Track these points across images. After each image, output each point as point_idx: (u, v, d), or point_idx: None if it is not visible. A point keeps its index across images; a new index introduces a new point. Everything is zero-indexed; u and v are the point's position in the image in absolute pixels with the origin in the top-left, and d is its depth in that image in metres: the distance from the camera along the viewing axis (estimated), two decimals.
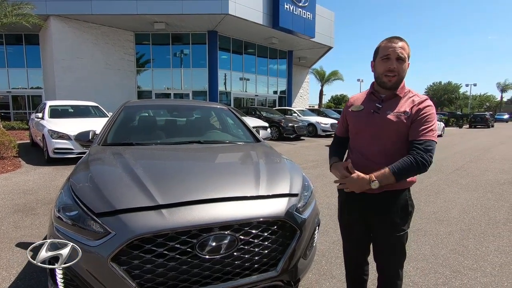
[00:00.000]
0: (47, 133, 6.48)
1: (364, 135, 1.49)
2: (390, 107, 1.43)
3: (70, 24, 15.18)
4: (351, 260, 1.71)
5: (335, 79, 32.05)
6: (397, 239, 1.47)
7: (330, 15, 21.16)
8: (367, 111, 1.48)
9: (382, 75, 1.42)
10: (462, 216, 3.72)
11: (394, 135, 1.40)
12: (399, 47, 1.37)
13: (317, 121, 14.70)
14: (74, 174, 1.89)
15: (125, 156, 2.07)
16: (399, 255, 1.51)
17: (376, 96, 1.49)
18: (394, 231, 1.46)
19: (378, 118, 1.43)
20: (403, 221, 1.47)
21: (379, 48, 1.44)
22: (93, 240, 1.39)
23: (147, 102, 3.95)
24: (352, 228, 1.62)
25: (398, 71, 1.39)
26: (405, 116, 1.39)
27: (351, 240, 1.67)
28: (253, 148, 2.63)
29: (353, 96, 1.64)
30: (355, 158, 1.52)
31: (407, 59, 1.40)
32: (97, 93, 15.32)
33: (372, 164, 1.43)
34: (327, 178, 5.55)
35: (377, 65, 1.45)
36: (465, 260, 2.58)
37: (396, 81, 1.41)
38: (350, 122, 1.58)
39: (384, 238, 1.49)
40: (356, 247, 1.66)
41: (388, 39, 1.42)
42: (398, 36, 1.42)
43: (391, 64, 1.38)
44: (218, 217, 1.47)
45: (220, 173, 1.92)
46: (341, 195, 1.67)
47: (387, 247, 1.50)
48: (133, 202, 1.48)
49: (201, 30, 17.38)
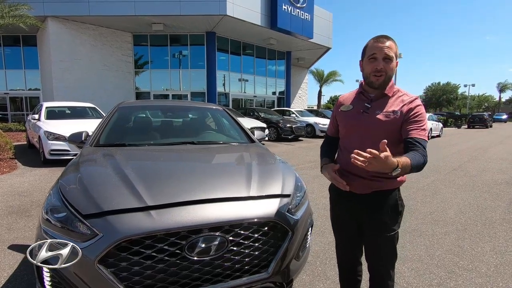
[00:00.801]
0: (43, 135, 6.45)
1: (353, 135, 1.48)
2: (379, 106, 1.42)
3: (67, 25, 15.16)
4: (343, 260, 1.70)
5: (334, 80, 32.09)
6: (388, 239, 1.45)
7: (328, 16, 21.20)
8: (357, 110, 1.47)
9: (370, 75, 1.41)
10: (458, 216, 3.71)
11: (383, 135, 1.37)
12: (386, 46, 1.35)
13: (316, 121, 14.70)
14: (64, 175, 1.87)
15: (116, 157, 2.05)
16: (390, 255, 1.50)
17: (365, 96, 1.48)
18: (385, 231, 1.45)
19: (367, 118, 1.42)
20: (394, 221, 1.46)
21: (366, 48, 1.43)
22: (80, 242, 1.37)
23: (142, 103, 3.92)
24: (344, 228, 1.62)
25: (386, 71, 1.37)
26: (394, 115, 1.38)
27: (343, 240, 1.66)
28: (246, 148, 2.61)
29: (342, 96, 1.63)
30: (345, 158, 1.51)
31: (395, 58, 1.39)
32: (95, 95, 15.32)
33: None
34: (325, 179, 5.51)
35: (364, 65, 1.44)
36: (461, 261, 2.57)
37: (384, 81, 1.40)
38: (340, 122, 1.57)
39: (374, 238, 1.48)
40: (349, 247, 1.65)
41: (374, 39, 1.40)
42: (385, 35, 1.40)
43: (377, 64, 1.37)
44: (208, 218, 1.46)
45: (212, 174, 1.91)
46: (332, 194, 1.66)
47: (377, 247, 1.49)
48: (121, 203, 1.47)
49: (199, 31, 17.39)
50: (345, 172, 1.49)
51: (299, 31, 18.05)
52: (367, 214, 1.47)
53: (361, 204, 1.47)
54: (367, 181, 1.43)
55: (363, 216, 1.49)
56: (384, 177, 1.40)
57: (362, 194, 1.45)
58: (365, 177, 1.43)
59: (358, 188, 1.45)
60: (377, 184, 1.42)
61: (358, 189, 1.46)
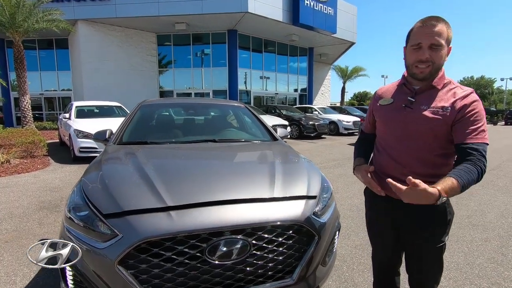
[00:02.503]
0: (73, 133, 6.73)
1: (392, 133, 1.29)
2: (426, 101, 1.21)
3: (96, 28, 15.79)
4: (380, 271, 1.56)
5: (357, 76, 31.13)
6: (435, 251, 1.29)
7: (353, 10, 20.51)
8: (398, 105, 1.28)
9: (412, 65, 1.21)
10: (499, 221, 3.40)
11: (429, 134, 1.20)
12: (434, 32, 1.14)
13: (339, 119, 14.29)
14: (87, 173, 1.87)
15: (138, 155, 2.03)
16: (436, 269, 1.33)
17: (408, 88, 1.28)
18: (433, 243, 1.28)
19: (410, 114, 1.23)
20: (443, 231, 1.28)
21: (411, 33, 1.21)
22: (101, 242, 1.35)
23: (163, 100, 3.94)
24: (381, 235, 1.46)
25: (433, 60, 1.16)
26: (444, 112, 1.17)
27: (380, 248, 1.51)
28: (269, 147, 2.52)
29: (381, 88, 1.43)
30: (382, 160, 1.35)
31: (447, 44, 1.16)
32: (122, 94, 15.83)
33: (401, 168, 1.27)
34: (350, 178, 5.32)
35: (408, 53, 1.23)
36: (505, 271, 2.33)
37: (430, 72, 1.18)
38: (378, 118, 1.38)
39: (419, 249, 1.32)
40: (387, 257, 1.50)
41: (422, 21, 1.18)
42: (435, 16, 1.17)
43: (422, 54, 1.16)
44: (230, 220, 1.38)
45: (234, 173, 1.83)
46: (368, 198, 1.50)
47: (422, 259, 1.32)
48: (141, 203, 1.43)
49: (221, 29, 17.46)
50: (382, 174, 1.34)
51: (322, 26, 17.62)
52: (411, 223, 1.30)
53: (403, 211, 1.30)
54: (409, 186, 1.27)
55: (405, 225, 1.32)
56: (428, 181, 1.25)
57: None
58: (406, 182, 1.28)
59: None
60: None
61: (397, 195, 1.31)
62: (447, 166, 1.22)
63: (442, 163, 1.19)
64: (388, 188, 1.32)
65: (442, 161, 1.20)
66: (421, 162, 1.23)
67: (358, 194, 4.22)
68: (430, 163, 1.23)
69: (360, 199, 4.06)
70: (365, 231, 3.01)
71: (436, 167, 1.23)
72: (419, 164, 1.24)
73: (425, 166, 1.23)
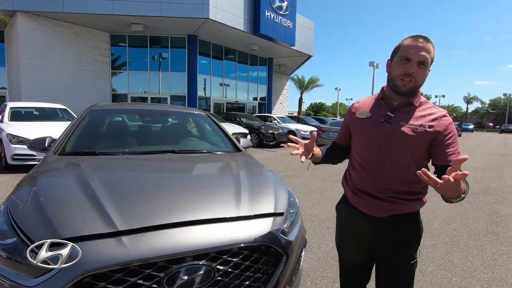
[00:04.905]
0: (5, 137, 5.89)
1: (369, 148, 1.27)
2: (404, 117, 1.22)
3: (39, 22, 14.28)
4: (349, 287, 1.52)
5: (314, 87, 32.63)
6: (407, 268, 1.28)
7: (310, 25, 21.53)
8: (376, 119, 1.26)
9: (397, 78, 1.20)
10: (444, 227, 3.69)
11: (407, 151, 1.20)
12: (424, 49, 1.15)
13: (297, 128, 14.73)
14: (17, 190, 1.57)
15: (83, 168, 1.77)
16: (408, 286, 1.32)
17: (386, 103, 1.27)
18: (406, 259, 1.27)
19: (389, 129, 1.22)
20: (416, 247, 1.29)
21: (399, 46, 1.21)
22: (31, 278, 1.11)
23: (116, 106, 3.59)
24: (352, 252, 1.43)
25: (416, 77, 1.17)
26: (422, 130, 1.18)
27: (350, 266, 1.47)
28: (233, 158, 2.40)
29: (358, 101, 1.41)
30: (357, 176, 1.32)
31: (430, 64, 1.19)
32: (68, 95, 14.50)
33: (378, 184, 1.25)
34: (309, 188, 5.41)
35: (393, 65, 1.22)
36: (453, 277, 2.49)
37: (412, 88, 1.19)
38: (355, 131, 1.35)
39: (393, 268, 1.30)
40: (355, 275, 1.47)
41: (413, 37, 1.18)
42: (424, 35, 1.18)
43: (410, 67, 1.16)
44: (192, 244, 1.24)
45: (196, 190, 1.68)
46: (341, 216, 1.46)
47: (395, 277, 1.31)
48: (85, 228, 1.21)
49: (181, 33, 17.02)
50: (358, 191, 1.32)
51: (282, 38, 18.15)
52: (386, 241, 1.28)
53: (377, 229, 1.28)
54: (385, 203, 1.25)
55: (379, 243, 1.30)
56: (404, 198, 1.24)
57: (379, 218, 1.28)
58: (382, 198, 1.25)
59: (373, 211, 1.28)
60: (397, 207, 1.24)
61: (373, 212, 1.28)
62: (419, 184, 1.23)
63: (416, 181, 1.20)
64: (364, 204, 1.30)
65: (416, 178, 1.21)
66: (397, 179, 1.23)
67: (318, 204, 4.28)
68: (406, 180, 1.23)
69: (320, 208, 4.12)
70: (327, 243, 3.04)
71: (410, 184, 1.24)
72: (396, 181, 1.24)
73: (401, 183, 1.23)
